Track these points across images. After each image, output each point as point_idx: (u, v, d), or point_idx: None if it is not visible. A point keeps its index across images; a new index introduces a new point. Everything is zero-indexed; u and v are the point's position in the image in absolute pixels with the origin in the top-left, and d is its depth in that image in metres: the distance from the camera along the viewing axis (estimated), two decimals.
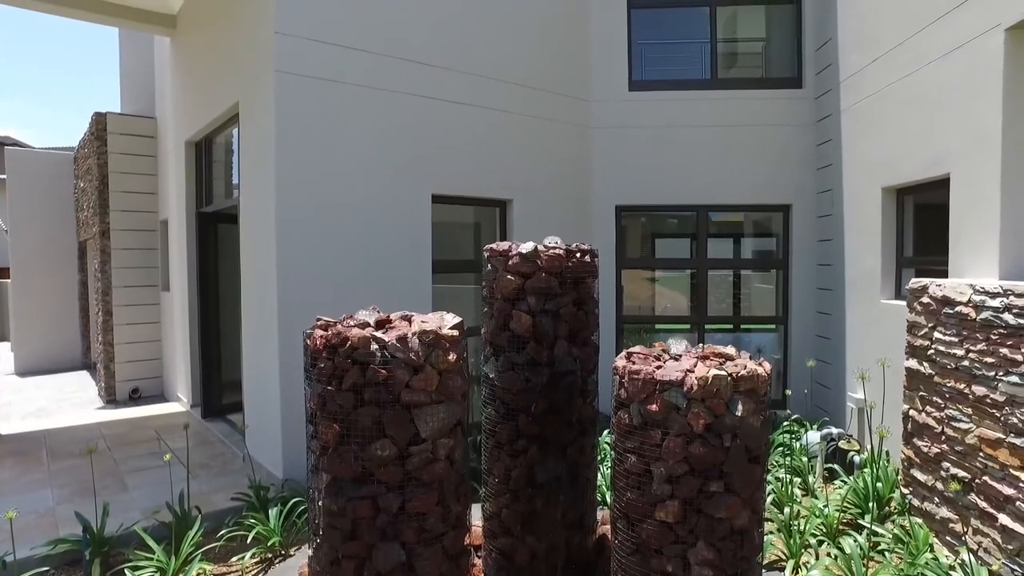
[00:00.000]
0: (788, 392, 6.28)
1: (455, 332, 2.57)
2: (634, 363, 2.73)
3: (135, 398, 8.90)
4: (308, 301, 5.06)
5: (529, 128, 6.47)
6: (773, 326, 7.46)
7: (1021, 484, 3.44)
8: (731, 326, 8.22)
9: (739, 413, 2.55)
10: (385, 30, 5.45)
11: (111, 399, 8.82)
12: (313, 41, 5.07)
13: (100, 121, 8.87)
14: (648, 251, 8.32)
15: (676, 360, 2.74)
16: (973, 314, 3.84)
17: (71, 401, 8.84)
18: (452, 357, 2.53)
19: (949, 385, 4.07)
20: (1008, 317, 3.55)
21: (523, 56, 6.44)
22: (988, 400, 3.71)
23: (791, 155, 6.95)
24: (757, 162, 6.96)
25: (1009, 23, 3.96)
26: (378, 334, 2.44)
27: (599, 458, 4.77)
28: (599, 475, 4.57)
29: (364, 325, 2.54)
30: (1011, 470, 3.51)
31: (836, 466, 5.22)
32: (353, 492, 2.52)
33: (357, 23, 5.29)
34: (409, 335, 2.44)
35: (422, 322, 2.57)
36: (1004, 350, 3.59)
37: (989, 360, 3.70)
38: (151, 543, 3.89)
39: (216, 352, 7.52)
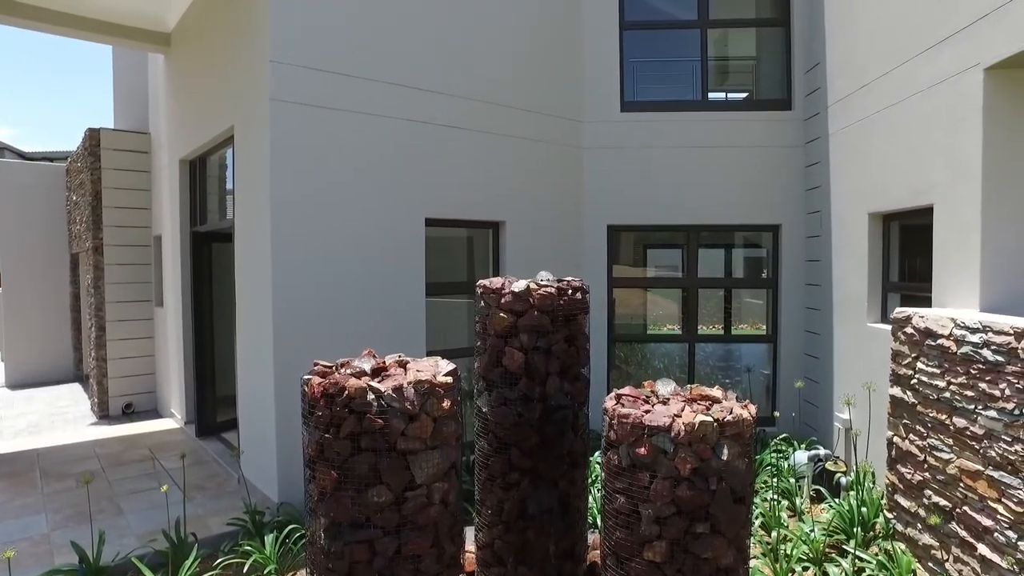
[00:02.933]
0: (777, 413, 6.39)
1: (449, 379, 2.64)
2: (623, 406, 2.80)
3: (128, 413, 8.91)
4: (303, 324, 5.12)
5: (522, 150, 6.55)
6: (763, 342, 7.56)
7: (999, 516, 3.54)
8: (722, 334, 8.34)
9: (725, 457, 2.63)
10: (378, 57, 5.51)
11: (104, 414, 8.83)
12: (307, 69, 5.13)
13: (93, 136, 8.89)
14: (640, 264, 8.41)
15: (664, 404, 2.81)
16: (954, 348, 3.95)
17: (63, 416, 8.84)
18: (446, 404, 2.60)
19: (931, 415, 4.17)
20: (987, 353, 3.65)
21: (516, 79, 6.52)
22: (968, 432, 3.81)
23: (781, 176, 7.06)
24: (747, 182, 7.07)
25: (988, 63, 4.07)
26: (374, 384, 2.50)
27: (590, 480, 4.86)
28: (590, 497, 4.66)
29: (361, 374, 2.60)
30: (989, 502, 3.61)
31: (823, 488, 5.31)
32: (350, 536, 2.58)
33: (351, 50, 5.36)
34: (405, 385, 2.51)
35: (417, 371, 2.64)
36: (983, 384, 3.69)
37: (969, 393, 3.80)
38: (147, 574, 3.93)
39: (210, 368, 7.55)
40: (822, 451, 5.74)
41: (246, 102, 5.43)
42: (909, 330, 4.43)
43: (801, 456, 5.72)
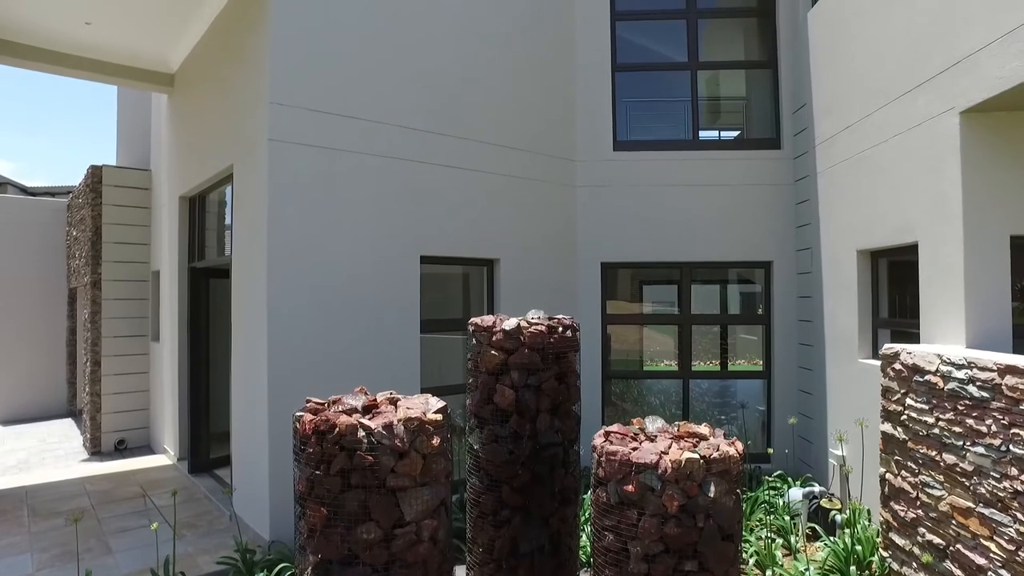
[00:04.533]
0: (771, 450, 6.38)
1: (439, 416, 2.67)
2: (611, 443, 2.83)
3: (121, 449, 8.85)
4: (298, 361, 5.15)
5: (516, 188, 6.68)
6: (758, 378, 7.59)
7: (991, 554, 3.53)
8: (717, 370, 8.37)
9: (712, 494, 2.65)
10: (376, 98, 5.66)
11: (96, 450, 8.77)
12: (306, 110, 5.27)
13: (96, 173, 9.03)
14: (636, 300, 8.48)
15: (651, 440, 2.85)
16: (941, 384, 3.99)
17: (54, 453, 8.77)
18: (436, 441, 2.63)
19: (921, 451, 4.19)
20: (972, 389, 3.70)
21: (511, 119, 6.68)
22: (958, 469, 3.83)
23: (771, 213, 7.18)
24: (739, 220, 7.19)
25: (962, 107, 4.21)
26: (365, 420, 2.54)
27: (582, 518, 4.83)
28: (583, 535, 4.63)
29: (352, 411, 2.64)
30: (982, 540, 3.61)
31: (818, 526, 5.28)
32: (339, 574, 2.58)
33: (348, 92, 5.50)
34: (395, 422, 2.54)
35: (407, 408, 2.67)
36: (970, 421, 3.72)
37: (957, 429, 3.83)
38: None
39: (205, 404, 7.54)
40: (817, 488, 5.72)
41: (246, 142, 5.56)
42: (898, 366, 4.48)
43: (796, 493, 5.70)
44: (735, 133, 8.68)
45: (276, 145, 5.12)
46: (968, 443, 3.73)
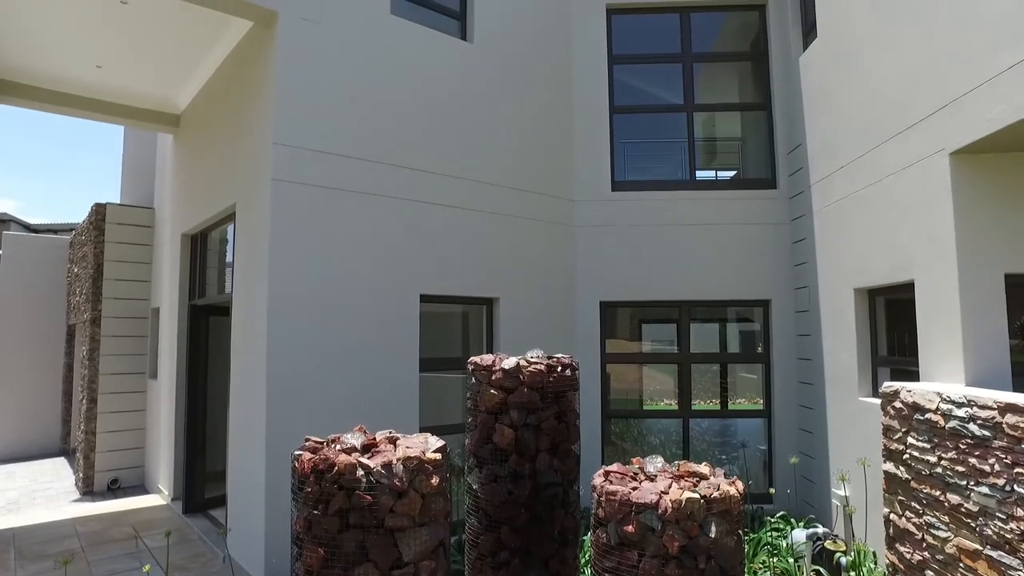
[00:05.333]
0: (772, 490, 6.29)
1: (438, 456, 2.66)
2: (611, 483, 2.81)
3: (114, 489, 8.72)
4: (296, 399, 5.13)
5: (515, 228, 6.75)
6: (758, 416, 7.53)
7: None
8: (718, 409, 8.31)
9: (712, 535, 2.62)
10: (377, 139, 5.77)
11: (88, 490, 8.64)
12: (308, 150, 5.37)
13: (100, 211, 9.13)
14: (635, 339, 8.48)
15: (651, 480, 2.83)
16: (942, 422, 3.97)
17: (45, 493, 8.64)
18: (435, 481, 2.61)
19: (925, 491, 4.14)
20: (973, 428, 3.68)
21: (509, 160, 6.79)
22: (963, 509, 3.78)
23: (768, 252, 7.24)
24: (736, 258, 7.24)
25: (952, 148, 4.30)
26: (364, 460, 2.53)
27: (583, 560, 4.74)
28: None
29: (351, 450, 2.63)
30: None
31: (822, 568, 5.18)
32: None
33: (350, 133, 5.61)
34: (394, 461, 2.53)
35: (407, 447, 2.66)
36: (973, 460, 3.70)
37: (960, 469, 3.80)
38: None
39: (201, 442, 7.46)
40: (821, 529, 5.63)
41: (249, 181, 5.65)
42: (898, 404, 4.46)
43: (799, 535, 5.61)
44: (732, 173, 8.82)
45: (278, 185, 5.20)
46: (972, 483, 3.69)
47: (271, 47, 5.34)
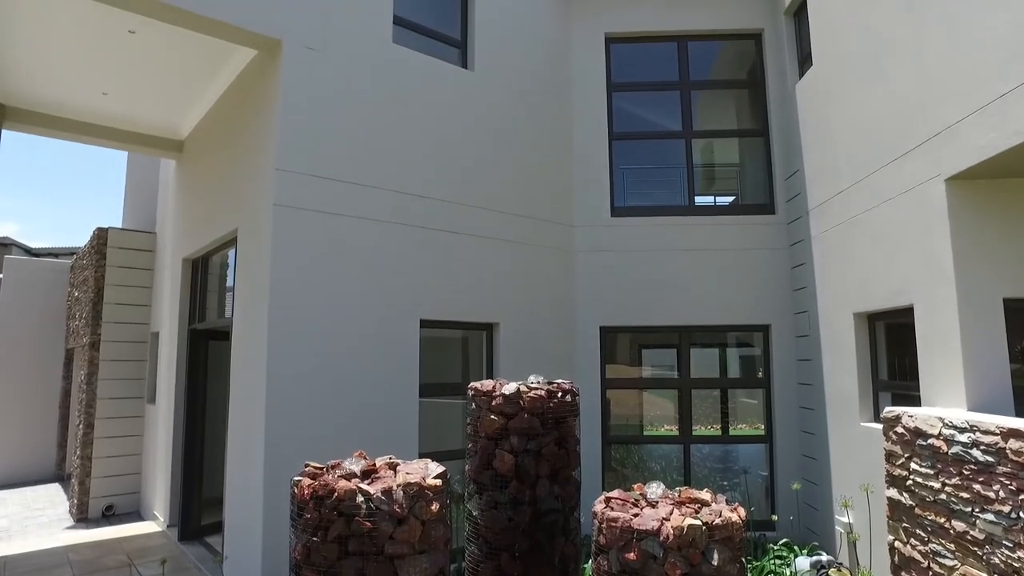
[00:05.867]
0: (775, 517, 6.22)
1: (439, 482, 2.64)
2: (612, 509, 2.79)
3: (109, 516, 8.62)
4: (295, 424, 5.10)
5: (515, 253, 6.78)
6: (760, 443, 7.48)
7: None
8: (719, 434, 8.25)
9: (715, 562, 2.60)
10: (378, 165, 5.82)
11: (83, 517, 8.53)
12: (310, 176, 5.41)
13: (101, 236, 9.17)
14: (635, 364, 8.45)
15: (653, 507, 2.80)
16: (945, 447, 3.95)
17: (38, 520, 8.53)
18: (435, 507, 2.59)
19: (930, 518, 4.10)
20: (977, 453, 3.66)
21: (510, 186, 6.85)
22: (969, 537, 3.74)
23: (768, 277, 7.26)
24: (736, 284, 7.26)
25: (947, 174, 4.35)
26: (364, 486, 2.51)
27: None
28: None
29: (351, 476, 2.61)
30: None
31: None
32: None
33: (352, 159, 5.66)
34: (394, 487, 2.51)
35: (407, 473, 2.65)
36: (977, 486, 3.67)
37: (965, 495, 3.77)
38: None
39: (198, 468, 7.40)
40: (824, 557, 5.56)
41: (251, 206, 5.68)
42: (900, 430, 4.44)
43: (803, 562, 5.54)
44: (730, 199, 8.88)
45: (280, 210, 5.23)
46: (977, 509, 3.66)
47: (274, 74, 5.42)
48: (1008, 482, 3.43)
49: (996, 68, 3.90)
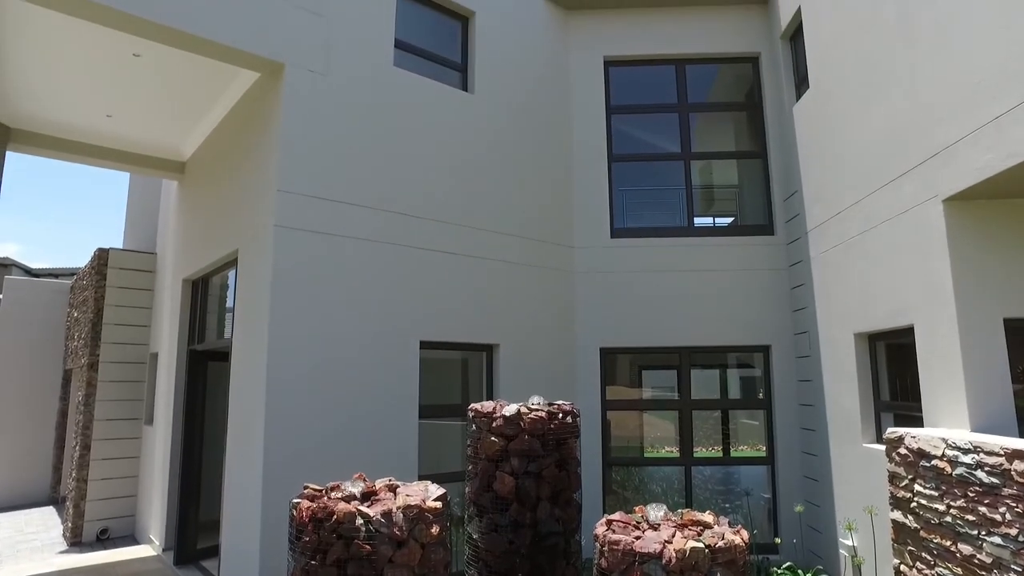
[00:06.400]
0: (778, 540, 6.15)
1: (439, 504, 2.61)
2: (614, 532, 2.76)
3: (103, 539, 8.51)
4: (294, 445, 5.06)
5: (515, 274, 6.79)
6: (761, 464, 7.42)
7: None
8: (720, 456, 8.20)
9: None
10: (379, 186, 5.85)
11: (77, 540, 8.43)
12: (311, 197, 5.44)
13: (102, 256, 9.19)
14: (635, 386, 8.42)
15: (655, 529, 2.77)
16: (949, 469, 3.92)
17: (30, 544, 8.41)
18: (435, 530, 2.56)
19: (936, 541, 4.05)
20: (981, 475, 3.63)
21: (510, 207, 6.88)
22: (976, 560, 3.69)
23: (768, 298, 7.27)
24: (736, 304, 7.26)
25: (944, 195, 4.37)
26: (363, 508, 2.48)
27: None
28: None
29: (350, 498, 2.58)
30: None
31: None
32: None
33: (353, 181, 5.70)
34: (394, 510, 2.49)
35: (407, 495, 2.62)
36: (983, 508, 3.63)
37: (970, 518, 3.73)
38: None
39: (195, 490, 7.33)
40: None
41: (252, 227, 5.70)
42: (903, 451, 4.41)
43: None
44: (729, 219, 8.92)
45: (281, 231, 5.25)
46: (983, 532, 3.62)
47: (277, 97, 5.48)
48: (1015, 504, 3.40)
49: (990, 90, 3.95)
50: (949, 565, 3.93)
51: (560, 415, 3.46)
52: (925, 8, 4.63)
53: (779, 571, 6.01)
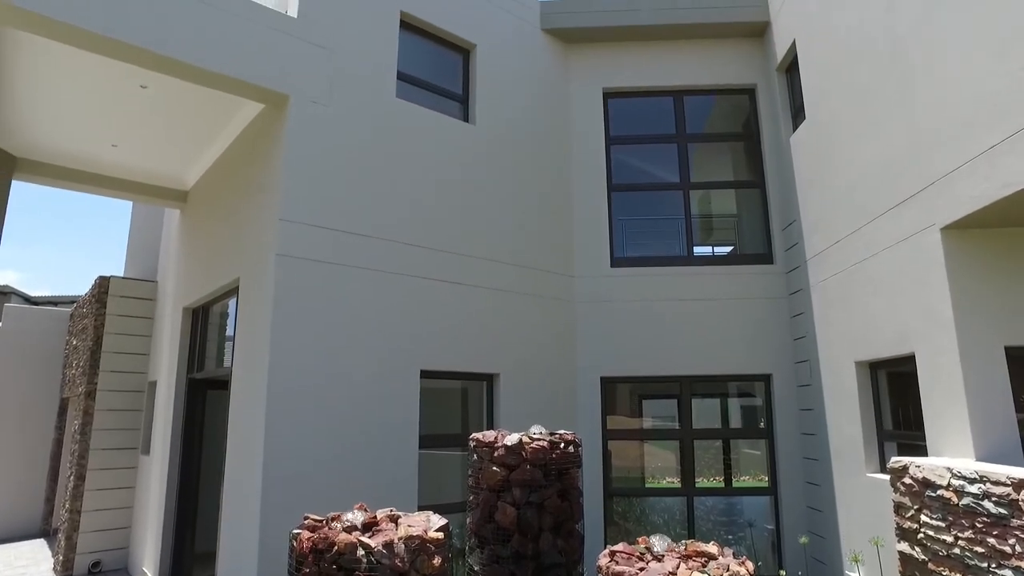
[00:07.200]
0: (783, 572, 6.05)
1: (440, 535, 2.58)
2: (617, 563, 2.72)
3: (95, 572, 8.36)
4: (293, 475, 5.01)
5: (516, 304, 6.79)
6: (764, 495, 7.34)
7: None
8: (722, 486, 8.11)
9: None
10: (380, 215, 5.90)
11: (68, 574, 8.28)
12: (313, 227, 5.47)
13: (103, 284, 9.20)
14: (636, 415, 8.36)
15: (659, 560, 2.73)
16: (955, 499, 3.88)
17: None
18: (437, 561, 2.52)
19: (944, 574, 3.99)
20: (989, 505, 3.59)
21: (510, 236, 6.92)
22: None
23: (768, 326, 7.26)
24: (736, 333, 7.25)
25: (942, 224, 4.41)
26: (364, 539, 2.45)
27: None
28: None
29: (351, 528, 2.55)
30: None
31: None
32: None
33: (355, 210, 5.74)
34: (395, 540, 2.46)
35: (408, 526, 2.59)
36: (992, 540, 3.58)
37: (979, 550, 3.68)
38: None
39: (191, 520, 7.22)
40: None
41: (253, 256, 5.73)
42: (908, 480, 4.36)
43: None
44: (728, 249, 8.96)
45: (282, 260, 5.27)
46: (993, 565, 3.56)
47: (281, 128, 5.55)
48: None
49: (984, 121, 4.01)
50: None
51: (562, 444, 3.43)
52: (917, 41, 4.74)
53: None
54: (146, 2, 4.83)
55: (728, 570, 2.62)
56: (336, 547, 2.42)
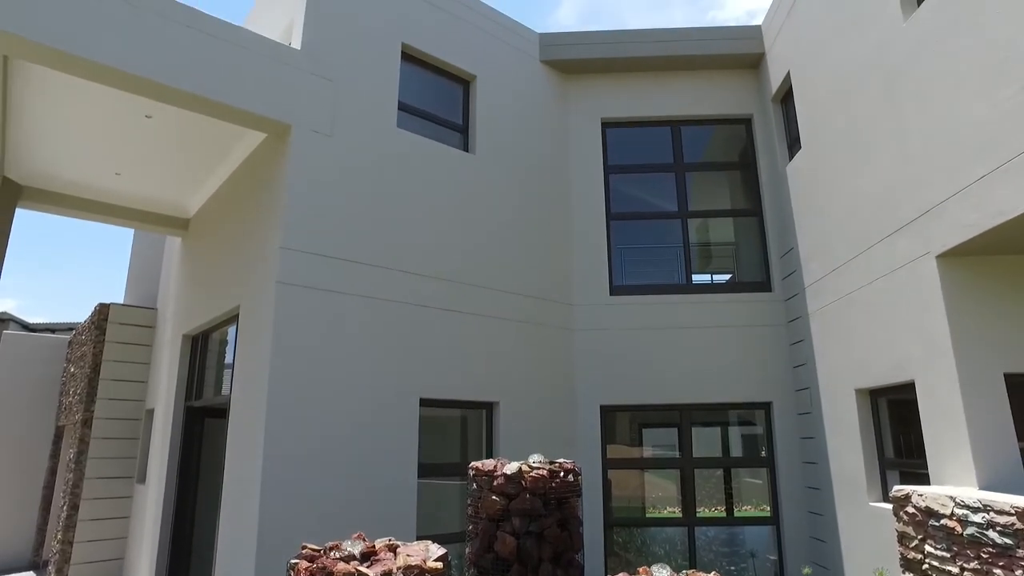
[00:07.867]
0: None
1: (439, 564, 2.55)
2: None
3: None
4: (291, 504, 4.95)
5: (515, 332, 6.79)
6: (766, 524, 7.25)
7: None
8: (723, 516, 8.00)
9: None
10: (380, 244, 5.93)
11: None
12: (314, 255, 5.50)
13: (103, 311, 9.21)
14: (636, 444, 8.30)
15: None
16: (959, 528, 3.84)
17: None
18: None
19: None
20: (993, 535, 3.56)
21: (509, 265, 6.95)
22: None
23: (767, 354, 7.26)
24: (735, 361, 7.24)
25: (937, 251, 4.45)
26: (363, 569, 2.43)
27: None
28: None
29: (350, 558, 2.53)
30: None
31: None
32: None
33: (355, 238, 5.77)
34: (394, 570, 2.43)
35: (407, 555, 2.57)
36: (998, 571, 3.54)
37: None
38: None
39: (187, 551, 7.11)
40: None
41: (254, 284, 5.75)
42: (911, 510, 4.33)
43: None
44: (727, 277, 9.00)
45: (283, 287, 5.29)
46: None
47: (283, 157, 5.62)
48: None
49: (975, 152, 4.08)
50: None
51: (562, 473, 3.41)
52: (909, 73, 4.84)
53: None
54: (155, 35, 4.93)
55: None
56: None
